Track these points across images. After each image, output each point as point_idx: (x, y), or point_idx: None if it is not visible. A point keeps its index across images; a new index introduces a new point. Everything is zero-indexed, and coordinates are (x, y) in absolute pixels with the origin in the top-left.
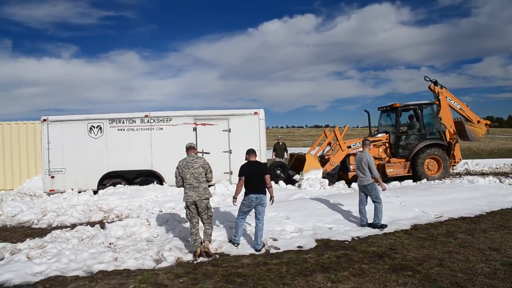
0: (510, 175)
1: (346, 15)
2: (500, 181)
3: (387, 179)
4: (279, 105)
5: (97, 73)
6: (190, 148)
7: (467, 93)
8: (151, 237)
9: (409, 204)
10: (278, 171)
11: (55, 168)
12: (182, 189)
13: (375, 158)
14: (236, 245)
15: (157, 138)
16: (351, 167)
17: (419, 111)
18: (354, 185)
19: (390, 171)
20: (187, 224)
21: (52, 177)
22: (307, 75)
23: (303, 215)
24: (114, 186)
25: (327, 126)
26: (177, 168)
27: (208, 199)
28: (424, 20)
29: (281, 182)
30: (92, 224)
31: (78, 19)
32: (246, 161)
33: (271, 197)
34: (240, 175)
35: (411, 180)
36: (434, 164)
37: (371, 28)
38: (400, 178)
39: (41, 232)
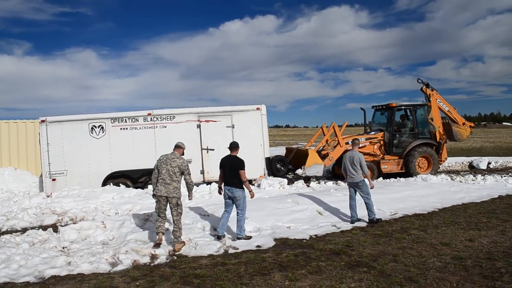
0: (461, 173)
1: (306, 17)
2: (452, 179)
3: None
4: (241, 104)
5: (52, 71)
6: (176, 147)
7: (422, 95)
8: (106, 240)
9: None
10: (279, 165)
11: (56, 171)
12: (139, 190)
13: (371, 155)
14: (215, 237)
15: (161, 136)
16: None
17: (414, 111)
18: (313, 184)
19: (384, 167)
20: (145, 226)
21: (53, 179)
22: (268, 76)
23: (262, 215)
24: (118, 186)
25: (287, 126)
26: (157, 161)
27: (178, 197)
28: (381, 23)
29: None
30: (45, 227)
31: (31, 14)
32: (226, 155)
33: (249, 191)
34: (219, 167)
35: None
36: (425, 162)
37: (330, 30)
38: (394, 175)
39: None
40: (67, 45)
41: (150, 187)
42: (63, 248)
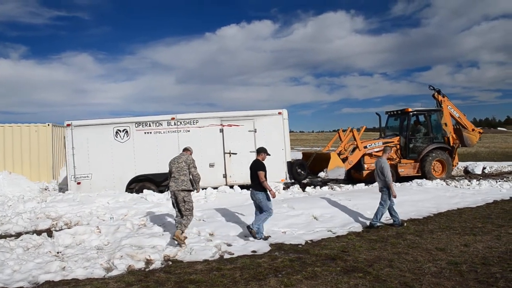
0: (456, 178)
1: (302, 22)
2: (447, 184)
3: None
4: (237, 109)
5: (48, 75)
6: (184, 150)
7: (418, 100)
8: (101, 245)
9: (361, 207)
10: (299, 169)
11: (81, 174)
12: (133, 195)
13: (388, 159)
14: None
15: (185, 140)
16: (365, 166)
17: (428, 116)
18: (308, 189)
19: (401, 171)
20: (140, 231)
21: (78, 183)
22: (264, 80)
23: None
24: (142, 190)
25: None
26: (168, 164)
27: (185, 191)
28: (377, 29)
29: (236, 187)
30: (39, 232)
31: (28, 18)
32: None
33: (269, 191)
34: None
35: (363, 184)
36: (439, 166)
37: (326, 35)
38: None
39: None
40: (63, 49)
41: (145, 191)
42: (58, 253)
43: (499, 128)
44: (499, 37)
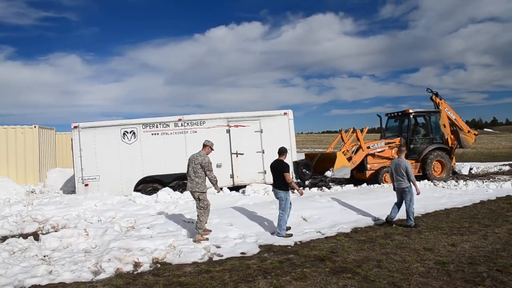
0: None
1: (291, 24)
2: (434, 185)
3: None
4: (226, 111)
5: (35, 76)
6: (203, 146)
7: (406, 101)
8: (89, 248)
9: (350, 208)
10: (304, 170)
11: (88, 176)
12: (122, 197)
13: (390, 159)
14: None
15: (192, 141)
16: (368, 166)
17: (428, 118)
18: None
19: None
20: (128, 234)
21: (86, 185)
22: (254, 82)
23: (247, 222)
24: (150, 191)
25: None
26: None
27: (199, 192)
28: (366, 31)
29: (225, 189)
30: (25, 236)
31: (14, 19)
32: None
33: (297, 190)
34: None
35: (352, 185)
36: (439, 166)
37: (315, 37)
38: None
39: None
40: (51, 50)
41: (134, 193)
42: (44, 256)
43: (485, 129)
44: (486, 39)
